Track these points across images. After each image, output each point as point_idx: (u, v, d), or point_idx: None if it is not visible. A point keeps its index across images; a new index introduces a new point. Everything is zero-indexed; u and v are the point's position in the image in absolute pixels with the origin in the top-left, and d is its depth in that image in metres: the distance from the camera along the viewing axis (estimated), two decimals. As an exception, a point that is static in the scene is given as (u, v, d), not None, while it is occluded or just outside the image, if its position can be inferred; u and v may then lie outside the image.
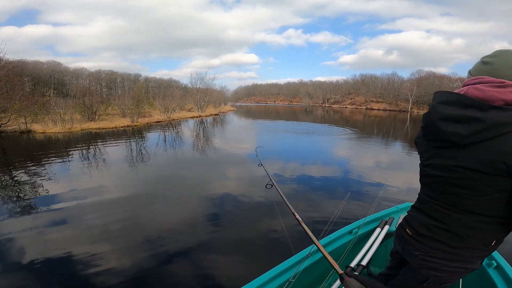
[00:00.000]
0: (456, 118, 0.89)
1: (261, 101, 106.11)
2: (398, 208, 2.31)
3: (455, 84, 61.62)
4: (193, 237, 3.58)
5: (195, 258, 3.11)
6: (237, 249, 3.36)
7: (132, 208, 4.53)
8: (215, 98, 38.18)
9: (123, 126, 16.83)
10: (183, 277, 2.80)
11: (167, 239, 3.49)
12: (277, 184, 2.20)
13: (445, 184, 0.96)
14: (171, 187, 5.73)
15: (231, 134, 15.47)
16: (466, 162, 0.88)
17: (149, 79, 63.93)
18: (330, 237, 1.88)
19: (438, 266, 1.03)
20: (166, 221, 4.05)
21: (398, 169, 7.89)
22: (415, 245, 1.08)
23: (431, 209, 1.04)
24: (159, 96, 26.74)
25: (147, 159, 8.27)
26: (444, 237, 1.00)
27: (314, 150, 10.61)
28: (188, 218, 4.16)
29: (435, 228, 1.02)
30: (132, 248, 3.29)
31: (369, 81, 78.41)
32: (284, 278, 1.48)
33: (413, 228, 1.10)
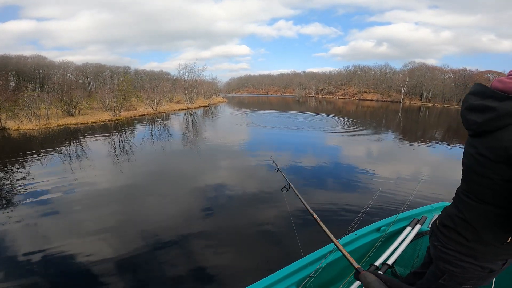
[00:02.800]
0: (476, 107, 0.94)
1: (254, 92, 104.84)
2: (433, 207, 2.21)
3: (447, 76, 61.79)
4: (187, 228, 3.76)
5: (191, 246, 3.34)
6: (234, 241, 3.52)
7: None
8: (205, 90, 37.20)
9: (103, 120, 15.94)
10: (179, 266, 2.97)
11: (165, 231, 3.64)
12: (294, 187, 2.07)
13: (469, 171, 1.00)
14: (142, 193, 5.17)
15: (217, 128, 14.81)
16: (481, 149, 0.92)
17: (139, 72, 62.12)
18: (356, 233, 1.82)
19: (452, 259, 1.04)
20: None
21: (435, 166, 7.61)
22: (438, 235, 1.11)
23: (459, 200, 1.06)
24: (145, 88, 25.50)
25: (119, 157, 7.62)
26: (462, 228, 1.01)
27: (332, 145, 10.09)
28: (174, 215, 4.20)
29: (457, 219, 1.04)
30: (127, 239, 3.42)
31: (362, 72, 78.06)
32: (305, 273, 1.45)
33: (440, 219, 1.13)
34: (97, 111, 18.95)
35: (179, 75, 32.39)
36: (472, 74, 57.94)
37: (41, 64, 55.02)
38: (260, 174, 6.37)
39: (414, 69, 66.17)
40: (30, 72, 51.93)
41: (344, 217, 3.98)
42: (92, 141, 10.49)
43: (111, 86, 28.67)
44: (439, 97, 60.28)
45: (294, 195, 1.95)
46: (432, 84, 61.09)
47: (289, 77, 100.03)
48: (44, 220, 4.13)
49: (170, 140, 10.63)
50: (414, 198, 2.27)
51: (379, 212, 3.32)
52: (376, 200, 2.13)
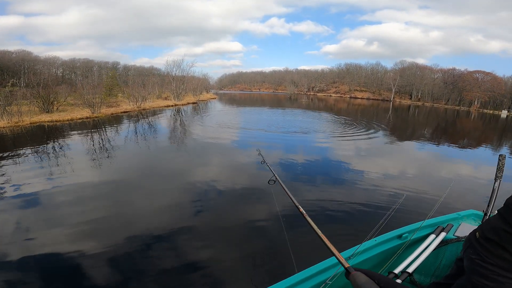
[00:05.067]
0: None
1: (246, 89, 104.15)
2: (460, 215, 2.14)
3: (436, 75, 62.54)
4: (174, 223, 3.79)
5: (178, 240, 3.38)
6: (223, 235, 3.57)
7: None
8: (195, 86, 36.46)
9: (81, 118, 15.18)
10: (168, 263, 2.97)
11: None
12: (280, 179, 2.10)
13: None
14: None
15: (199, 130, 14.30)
16: None
17: (128, 67, 60.54)
18: (376, 240, 1.76)
19: (490, 274, 1.00)
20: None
21: (470, 173, 7.28)
22: (477, 248, 1.06)
23: (509, 213, 1.00)
24: (129, 83, 24.64)
25: (94, 156, 7.08)
26: (509, 244, 0.97)
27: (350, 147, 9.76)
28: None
29: (504, 233, 0.99)
30: (113, 234, 3.43)
31: (354, 70, 78.35)
32: (321, 279, 1.42)
33: (482, 231, 1.08)
34: (77, 108, 18.14)
35: (166, 71, 31.57)
36: (461, 74, 58.73)
37: (26, 59, 53.83)
38: (248, 171, 6.25)
39: (405, 68, 66.73)
40: (15, 68, 50.49)
41: (367, 222, 3.91)
42: (67, 140, 9.86)
43: (98, 81, 27.87)
44: (429, 96, 60.98)
45: (283, 190, 1.87)
46: (422, 83, 61.73)
47: (281, 74, 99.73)
48: (24, 214, 4.04)
49: (150, 138, 10.10)
50: (441, 205, 2.17)
51: (404, 218, 3.09)
52: (402, 206, 2.18)
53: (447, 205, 4.04)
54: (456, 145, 11.96)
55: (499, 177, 1.86)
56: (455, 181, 5.69)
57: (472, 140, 14.45)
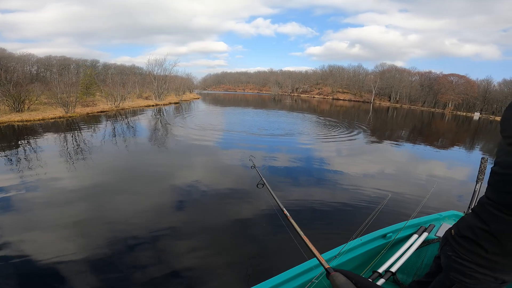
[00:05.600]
0: None
1: (230, 89, 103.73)
2: (441, 216, 2.20)
3: (414, 78, 65.23)
4: (157, 225, 3.66)
5: (162, 243, 3.26)
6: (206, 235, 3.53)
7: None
8: (177, 85, 35.76)
9: (53, 117, 14.35)
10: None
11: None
12: (267, 182, 2.16)
13: (506, 182, 0.95)
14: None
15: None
16: None
17: (109, 66, 58.08)
18: (361, 239, 1.80)
19: (467, 270, 1.03)
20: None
21: (451, 177, 7.41)
22: (453, 245, 1.09)
23: (485, 212, 1.03)
24: (106, 82, 23.66)
25: (68, 158, 6.64)
26: (484, 240, 1.00)
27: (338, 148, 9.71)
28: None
29: (479, 231, 1.02)
30: (92, 238, 3.31)
31: (337, 72, 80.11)
32: (307, 278, 1.42)
33: (458, 229, 1.12)
34: (50, 107, 17.15)
35: (148, 70, 30.69)
36: (436, 77, 61.62)
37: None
38: (232, 172, 6.15)
39: (385, 71, 69.11)
40: (-16, 65, 47.39)
41: (351, 222, 3.89)
42: (39, 141, 9.22)
43: (76, 80, 26.54)
44: (406, 98, 63.48)
45: (270, 193, 1.86)
46: (400, 86, 64.14)
47: (266, 75, 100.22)
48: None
49: (129, 139, 9.68)
50: (424, 205, 2.27)
51: (387, 218, 3.09)
52: (386, 206, 2.07)
53: (429, 205, 4.12)
54: (434, 146, 12.42)
55: (481, 179, 1.94)
56: (437, 182, 5.80)
57: (448, 141, 15.11)
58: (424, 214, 2.25)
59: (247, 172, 6.14)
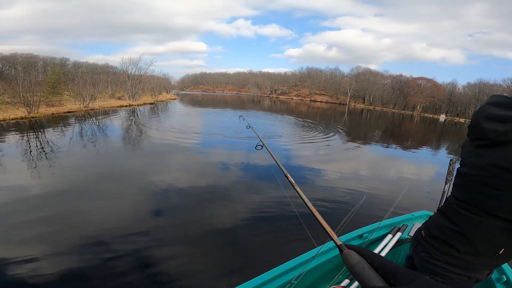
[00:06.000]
0: (498, 118, 0.93)
1: (209, 90, 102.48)
2: (414, 216, 2.27)
3: (386, 81, 68.50)
4: (135, 229, 3.49)
5: (140, 248, 3.08)
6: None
7: None
8: (153, 85, 34.60)
9: (15, 118, 13.20)
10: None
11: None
12: (266, 145, 2.08)
13: (476, 183, 0.98)
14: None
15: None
16: (498, 160, 0.90)
17: (79, 64, 54.77)
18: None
19: (440, 270, 1.05)
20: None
21: (421, 177, 7.63)
22: (425, 246, 1.11)
23: (453, 212, 1.05)
24: (76, 81, 22.27)
25: (30, 161, 6.02)
26: (454, 241, 1.02)
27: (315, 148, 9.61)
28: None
29: (449, 231, 1.04)
30: (64, 245, 3.10)
31: (314, 74, 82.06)
32: (286, 279, 1.43)
33: (428, 230, 1.13)
34: (12, 107, 15.76)
35: (121, 69, 29.34)
36: (407, 80, 65.18)
37: (-41, 54, 46.24)
38: (208, 173, 5.95)
39: (360, 74, 71.89)
40: None
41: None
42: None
43: (42, 78, 24.68)
44: (379, 100, 66.48)
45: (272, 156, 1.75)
46: (373, 88, 67.05)
47: (245, 76, 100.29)
48: None
49: (99, 141, 9.09)
50: (397, 205, 2.31)
51: (363, 218, 3.14)
52: (361, 207, 2.08)
53: (402, 205, 4.26)
54: (405, 147, 12.99)
55: (449, 180, 1.99)
56: (409, 183, 6.04)
57: (418, 142, 15.92)
58: (398, 214, 2.32)
59: (225, 174, 5.99)
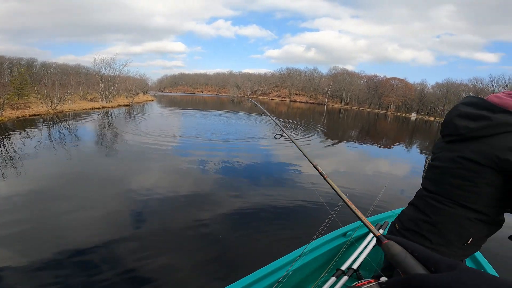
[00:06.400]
0: (469, 116, 1.03)
1: (188, 91, 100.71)
2: (394, 213, 2.32)
3: (362, 81, 71.03)
4: (113, 233, 3.36)
5: (119, 254, 2.98)
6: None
7: None
8: (129, 87, 33.32)
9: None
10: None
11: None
12: (288, 132, 1.97)
13: (446, 174, 1.06)
14: None
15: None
16: (468, 153, 0.99)
17: (48, 65, 51.28)
18: (324, 238, 1.87)
19: None
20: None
21: (400, 174, 7.84)
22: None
23: (424, 204, 1.12)
24: (43, 82, 20.86)
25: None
26: (427, 232, 1.07)
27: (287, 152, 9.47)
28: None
29: (421, 223, 1.09)
30: (37, 251, 2.92)
31: (294, 74, 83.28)
32: (274, 279, 1.44)
33: (401, 223, 1.19)
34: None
35: (94, 70, 27.92)
36: (380, 80, 67.98)
37: None
38: (189, 177, 5.71)
39: (337, 74, 73.98)
40: None
41: (313, 222, 3.90)
42: None
43: (8, 79, 22.77)
44: (355, 100, 68.79)
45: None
46: (350, 89, 69.28)
47: (225, 77, 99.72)
48: None
49: (68, 146, 8.52)
50: (378, 203, 2.32)
51: (347, 216, 3.05)
52: (343, 206, 1.90)
53: (383, 201, 4.42)
54: (382, 145, 13.48)
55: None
56: (388, 181, 6.15)
57: (394, 140, 16.59)
58: (379, 212, 2.37)
59: (204, 177, 5.83)
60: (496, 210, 0.99)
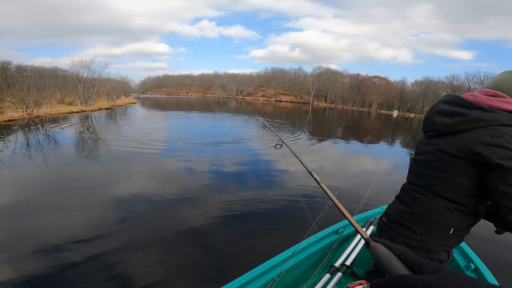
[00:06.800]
0: (447, 113, 1.10)
1: (173, 92, 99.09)
2: (383, 209, 2.35)
3: (345, 80, 72.44)
4: (99, 240, 3.27)
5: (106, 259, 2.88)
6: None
7: None
8: (110, 89, 32.27)
9: None
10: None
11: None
12: (286, 142, 2.05)
13: (425, 167, 1.13)
14: None
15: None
16: (444, 147, 1.06)
17: (24, 68, 48.68)
18: (316, 236, 1.89)
19: None
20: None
21: (387, 170, 7.98)
22: (387, 231, 1.21)
23: (407, 196, 1.18)
24: (17, 86, 19.77)
25: None
26: (410, 222, 1.12)
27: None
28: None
29: (405, 214, 1.15)
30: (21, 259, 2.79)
31: (279, 74, 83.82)
32: (269, 277, 1.45)
33: (388, 216, 1.24)
34: None
35: (72, 72, 26.77)
36: (363, 79, 69.58)
37: None
38: (174, 181, 5.52)
39: (321, 73, 75.09)
40: None
41: (305, 220, 3.76)
42: None
43: None
44: (340, 99, 70.08)
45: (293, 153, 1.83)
46: (334, 87, 70.51)
47: (211, 78, 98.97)
48: None
49: (48, 152, 8.07)
50: (367, 200, 2.35)
51: (337, 214, 3.01)
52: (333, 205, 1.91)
53: (372, 198, 4.41)
54: (369, 142, 13.72)
55: None
56: (376, 178, 6.22)
57: (378, 137, 16.97)
58: (370, 208, 2.41)
59: (189, 182, 5.67)
60: (473, 201, 1.04)
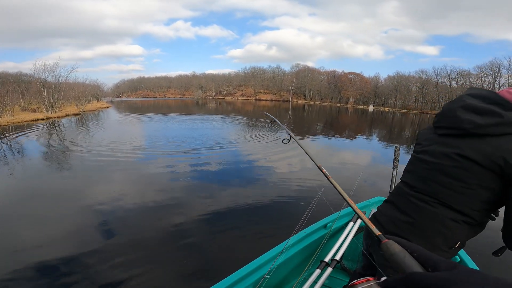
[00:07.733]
0: (477, 109, 0.91)
1: (149, 95, 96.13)
2: (370, 202, 2.33)
3: (322, 77, 73.83)
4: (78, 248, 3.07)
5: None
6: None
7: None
8: (79, 94, 30.46)
9: None
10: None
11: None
12: (295, 137, 1.97)
13: (436, 171, 0.96)
14: None
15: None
16: (467, 151, 0.89)
17: None
18: (305, 231, 1.88)
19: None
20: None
21: (372, 164, 8.05)
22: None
23: (405, 202, 1.03)
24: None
25: None
26: (410, 234, 0.98)
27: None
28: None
29: (402, 224, 1.01)
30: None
31: (258, 73, 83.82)
32: (259, 275, 1.44)
33: (380, 225, 1.09)
34: None
35: (34, 76, 24.88)
36: (339, 75, 71.26)
37: None
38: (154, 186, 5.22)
39: (299, 71, 75.97)
40: None
41: (293, 216, 3.83)
42: None
43: None
44: (318, 95, 71.36)
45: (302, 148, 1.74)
46: (312, 84, 71.65)
47: (188, 79, 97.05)
48: None
49: (11, 163, 7.21)
50: (355, 192, 2.31)
51: (325, 209, 2.87)
52: (320, 198, 2.03)
53: (358, 193, 4.37)
54: (348, 137, 13.84)
55: (396, 166, 2.06)
56: (362, 171, 6.20)
57: (358, 131, 17.22)
58: (356, 202, 2.19)
59: (169, 183, 5.25)
60: (483, 214, 0.92)
